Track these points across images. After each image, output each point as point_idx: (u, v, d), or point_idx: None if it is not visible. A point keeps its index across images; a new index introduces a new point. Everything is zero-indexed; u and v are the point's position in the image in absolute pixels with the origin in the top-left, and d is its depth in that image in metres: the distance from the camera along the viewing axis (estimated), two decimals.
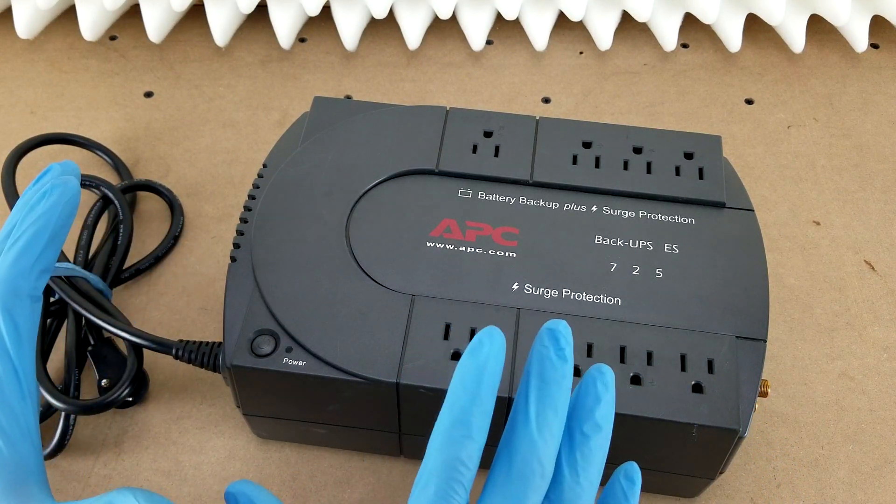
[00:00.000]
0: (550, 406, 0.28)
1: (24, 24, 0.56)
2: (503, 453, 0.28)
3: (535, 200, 0.39)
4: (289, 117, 0.54)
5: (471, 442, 0.27)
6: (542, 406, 0.28)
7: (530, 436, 0.28)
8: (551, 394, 0.28)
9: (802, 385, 0.42)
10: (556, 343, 0.29)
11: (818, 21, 0.58)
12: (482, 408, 0.28)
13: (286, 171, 0.40)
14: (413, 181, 0.40)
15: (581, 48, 0.58)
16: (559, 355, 0.29)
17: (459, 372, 0.28)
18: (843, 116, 0.54)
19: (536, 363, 0.29)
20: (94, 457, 0.40)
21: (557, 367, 0.28)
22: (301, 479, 0.39)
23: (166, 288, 0.45)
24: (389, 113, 0.43)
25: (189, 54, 0.58)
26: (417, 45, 0.57)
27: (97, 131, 0.53)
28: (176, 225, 0.47)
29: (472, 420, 0.27)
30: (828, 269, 0.46)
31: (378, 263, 0.37)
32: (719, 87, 0.56)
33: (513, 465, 0.27)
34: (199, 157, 0.52)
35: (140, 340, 0.39)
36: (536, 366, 0.29)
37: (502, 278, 0.37)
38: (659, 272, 0.37)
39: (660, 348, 0.34)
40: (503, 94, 0.56)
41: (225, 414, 0.41)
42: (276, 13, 0.55)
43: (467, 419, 0.27)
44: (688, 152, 0.41)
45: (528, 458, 0.27)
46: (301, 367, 0.34)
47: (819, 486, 0.39)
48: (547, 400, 0.28)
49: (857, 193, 0.50)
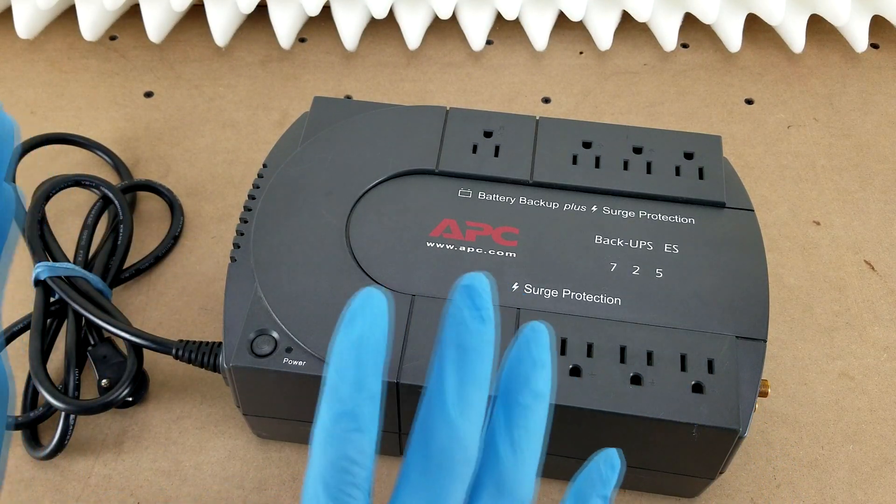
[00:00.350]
0: (471, 379, 0.23)
1: (24, 24, 0.56)
2: (417, 440, 0.24)
3: (535, 200, 0.39)
4: (289, 117, 0.54)
5: (359, 435, 0.23)
6: (460, 380, 0.23)
7: (448, 416, 0.23)
8: (471, 364, 0.24)
9: (802, 385, 0.42)
10: (471, 301, 0.24)
11: (818, 21, 0.58)
12: (368, 392, 0.23)
13: (286, 171, 0.40)
14: (413, 181, 0.40)
15: (581, 48, 0.58)
16: (475, 316, 0.24)
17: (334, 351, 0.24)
18: (843, 116, 0.54)
19: (451, 328, 0.24)
20: (94, 457, 0.40)
21: (475, 332, 0.24)
22: (301, 479, 0.39)
23: (166, 288, 0.45)
24: (389, 113, 0.43)
25: (189, 54, 0.58)
26: (417, 45, 0.57)
27: (97, 131, 0.53)
28: (176, 225, 0.47)
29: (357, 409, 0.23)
30: (828, 269, 0.46)
31: (378, 263, 0.37)
32: (719, 87, 0.56)
33: (430, 453, 0.23)
34: (199, 157, 0.52)
35: (140, 340, 0.39)
36: (451, 331, 0.24)
37: (502, 278, 0.37)
38: (659, 272, 0.37)
39: (660, 348, 0.34)
40: (503, 94, 0.56)
41: (225, 414, 0.41)
42: (276, 13, 0.55)
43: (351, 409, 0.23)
44: (688, 152, 0.41)
45: (447, 444, 0.23)
46: (301, 367, 0.34)
47: (819, 486, 0.39)
48: (466, 372, 0.23)
49: (857, 193, 0.50)
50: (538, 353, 0.25)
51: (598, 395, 0.33)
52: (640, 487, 0.38)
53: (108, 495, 0.38)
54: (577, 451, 0.33)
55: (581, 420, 0.34)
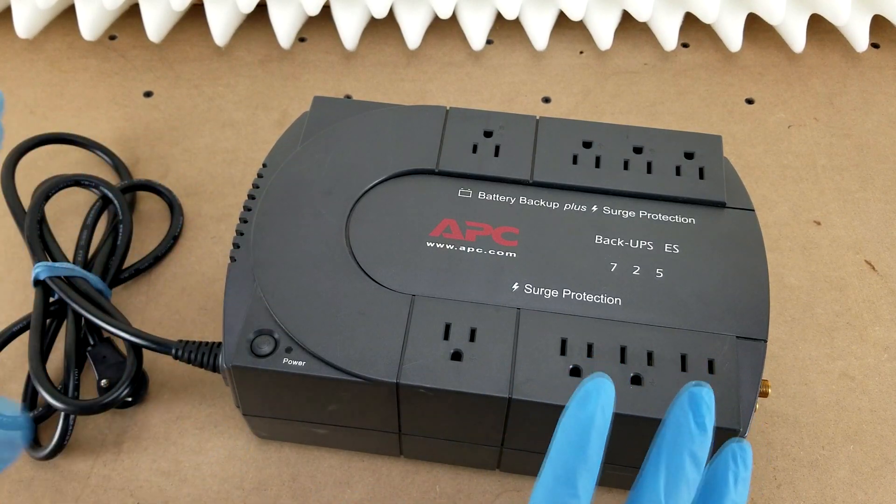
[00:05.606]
0: (682, 480, 0.26)
1: (23, 23, 0.55)
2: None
3: (535, 200, 0.39)
4: (289, 117, 0.54)
5: (576, 502, 0.25)
6: (673, 478, 0.26)
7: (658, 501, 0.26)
8: (685, 467, 0.26)
9: (803, 385, 0.42)
10: (696, 410, 0.27)
11: (818, 21, 0.58)
12: (588, 465, 0.26)
13: (286, 170, 0.40)
14: (413, 181, 0.40)
15: (581, 48, 0.58)
16: (699, 424, 0.27)
17: (565, 424, 0.27)
18: (843, 116, 0.54)
19: (672, 429, 0.27)
20: (94, 457, 0.40)
21: (695, 439, 0.27)
22: (301, 479, 0.39)
23: (166, 288, 0.45)
24: (389, 113, 0.43)
25: (189, 54, 0.58)
26: (417, 44, 0.57)
27: (97, 131, 0.53)
28: (175, 225, 0.47)
29: (577, 479, 0.26)
30: (828, 269, 0.46)
31: (378, 263, 0.37)
32: (719, 86, 0.56)
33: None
34: (199, 156, 0.52)
35: (139, 340, 0.39)
36: (672, 432, 0.27)
37: (502, 278, 0.37)
38: (659, 272, 0.37)
39: (660, 348, 0.34)
40: (503, 93, 0.56)
41: (225, 414, 0.41)
42: (275, 13, 0.55)
43: (573, 478, 0.26)
44: (688, 152, 0.41)
45: None
46: (301, 368, 0.34)
47: (819, 486, 0.39)
48: (680, 473, 0.26)
49: (857, 193, 0.50)
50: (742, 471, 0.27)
51: None
52: None
53: (107, 495, 0.38)
54: None
55: None
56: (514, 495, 0.38)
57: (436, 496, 0.39)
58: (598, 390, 0.27)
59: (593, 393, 0.27)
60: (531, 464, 0.37)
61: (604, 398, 0.26)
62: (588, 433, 0.26)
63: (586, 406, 0.26)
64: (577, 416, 0.26)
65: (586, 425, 0.26)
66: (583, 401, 0.26)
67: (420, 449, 0.39)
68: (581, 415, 0.26)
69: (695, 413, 0.27)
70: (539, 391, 0.33)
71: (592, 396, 0.26)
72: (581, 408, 0.26)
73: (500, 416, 0.34)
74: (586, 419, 0.26)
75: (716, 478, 0.27)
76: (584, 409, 0.26)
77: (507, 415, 0.34)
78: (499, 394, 0.33)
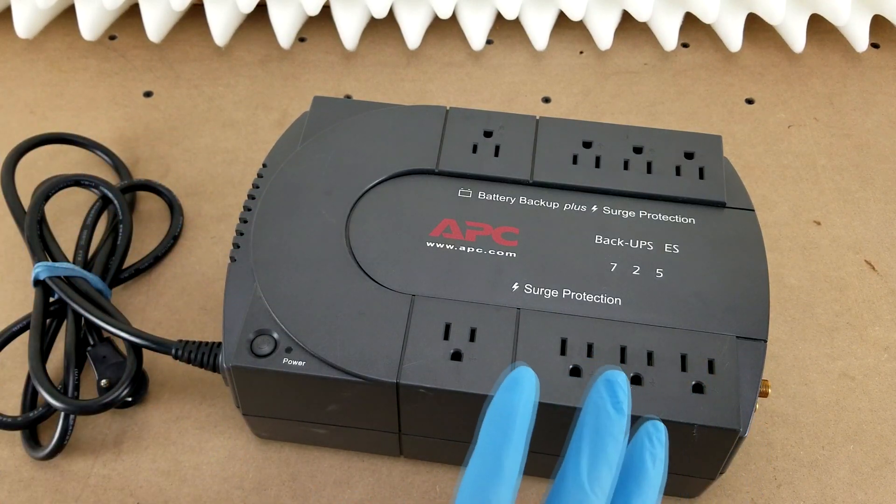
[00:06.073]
0: (604, 461, 0.27)
1: (23, 23, 0.55)
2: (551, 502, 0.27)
3: (535, 200, 0.39)
4: (289, 117, 0.54)
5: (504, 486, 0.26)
6: (595, 460, 0.27)
7: (581, 487, 0.26)
8: (605, 448, 0.27)
9: (803, 385, 0.42)
10: (613, 394, 0.28)
11: (818, 21, 0.58)
12: (515, 450, 0.27)
13: (286, 170, 0.40)
14: (413, 181, 0.40)
15: (581, 48, 0.58)
16: (616, 407, 0.28)
17: (491, 412, 0.27)
18: (843, 116, 0.54)
19: (592, 413, 0.28)
20: (94, 457, 0.40)
21: (614, 420, 0.27)
22: (301, 479, 0.39)
23: (166, 288, 0.45)
24: (389, 113, 0.43)
25: (189, 54, 0.58)
26: (417, 44, 0.57)
27: (96, 131, 0.53)
28: (175, 225, 0.47)
29: (503, 463, 0.26)
30: (828, 269, 0.46)
31: (378, 263, 0.37)
32: (719, 86, 0.56)
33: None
34: (199, 156, 0.52)
35: (139, 340, 0.39)
36: (591, 416, 0.28)
37: (502, 278, 0.37)
38: (659, 272, 0.37)
39: (660, 348, 0.34)
40: (503, 93, 0.56)
41: (225, 414, 0.41)
42: (275, 13, 0.55)
43: (499, 463, 0.26)
44: (688, 152, 0.41)
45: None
46: (301, 368, 0.34)
47: (819, 486, 0.39)
48: (601, 454, 0.27)
49: (857, 193, 0.50)
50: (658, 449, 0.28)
51: None
52: None
53: (107, 495, 0.38)
54: None
55: None
56: None
57: (436, 496, 0.39)
58: (521, 379, 0.28)
59: (518, 381, 0.28)
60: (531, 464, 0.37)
61: (527, 386, 0.28)
62: (513, 419, 0.27)
63: (511, 394, 0.27)
64: (503, 404, 0.27)
65: (511, 412, 0.27)
66: (507, 389, 0.28)
67: (420, 449, 0.39)
68: (506, 402, 0.27)
69: (611, 396, 0.28)
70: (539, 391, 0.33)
71: (517, 385, 0.28)
72: (506, 395, 0.27)
73: None
74: (511, 406, 0.27)
75: (633, 458, 0.28)
76: (509, 396, 0.27)
77: None
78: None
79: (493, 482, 0.26)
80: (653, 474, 0.28)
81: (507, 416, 0.27)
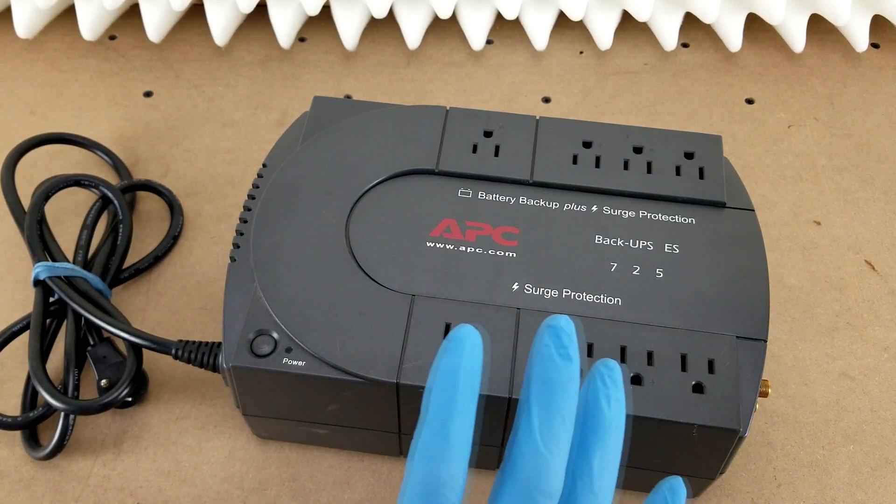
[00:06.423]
0: (556, 414, 0.25)
1: (23, 23, 0.55)
2: (507, 468, 0.25)
3: (535, 200, 0.39)
4: (289, 117, 0.54)
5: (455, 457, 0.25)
6: (546, 414, 0.25)
7: (535, 448, 0.25)
8: (556, 400, 0.25)
9: (803, 385, 0.42)
10: (557, 341, 0.26)
11: (818, 21, 0.58)
12: (464, 417, 0.25)
13: (286, 170, 0.40)
14: (413, 181, 0.40)
15: (581, 48, 0.58)
16: (562, 354, 0.26)
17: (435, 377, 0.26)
18: (843, 116, 0.54)
19: (538, 365, 0.26)
20: (94, 457, 0.40)
21: (561, 369, 0.25)
22: (301, 479, 0.39)
23: (166, 288, 0.45)
24: (389, 113, 0.43)
25: (189, 54, 0.58)
26: (417, 44, 0.57)
27: (96, 131, 0.53)
28: (175, 225, 0.47)
29: (452, 434, 0.25)
30: (828, 269, 0.46)
31: (378, 263, 0.37)
32: (719, 86, 0.56)
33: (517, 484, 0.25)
34: (199, 156, 0.52)
35: (139, 340, 0.39)
36: (538, 368, 0.26)
37: (502, 278, 0.37)
38: (659, 272, 0.37)
39: (660, 348, 0.34)
40: (503, 93, 0.56)
41: (225, 414, 0.41)
42: (275, 13, 0.55)
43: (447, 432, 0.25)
44: (688, 152, 0.41)
45: (534, 474, 0.24)
46: (301, 368, 0.34)
47: (819, 486, 0.39)
48: (552, 407, 0.25)
49: (857, 193, 0.50)
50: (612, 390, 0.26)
51: None
52: (641, 487, 0.38)
53: (107, 495, 0.38)
54: None
55: None
56: None
57: None
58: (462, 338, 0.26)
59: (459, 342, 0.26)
60: None
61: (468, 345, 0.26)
62: (456, 385, 0.25)
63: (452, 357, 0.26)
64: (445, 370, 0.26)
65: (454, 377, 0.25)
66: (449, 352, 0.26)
67: None
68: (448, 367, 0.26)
69: (556, 344, 0.26)
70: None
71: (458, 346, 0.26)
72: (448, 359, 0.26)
73: (499, 415, 0.34)
74: (453, 371, 0.25)
75: (588, 404, 0.26)
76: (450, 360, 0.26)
77: (507, 415, 0.34)
78: (499, 394, 0.33)
79: (444, 457, 0.24)
80: (611, 417, 0.26)
81: (451, 382, 0.25)
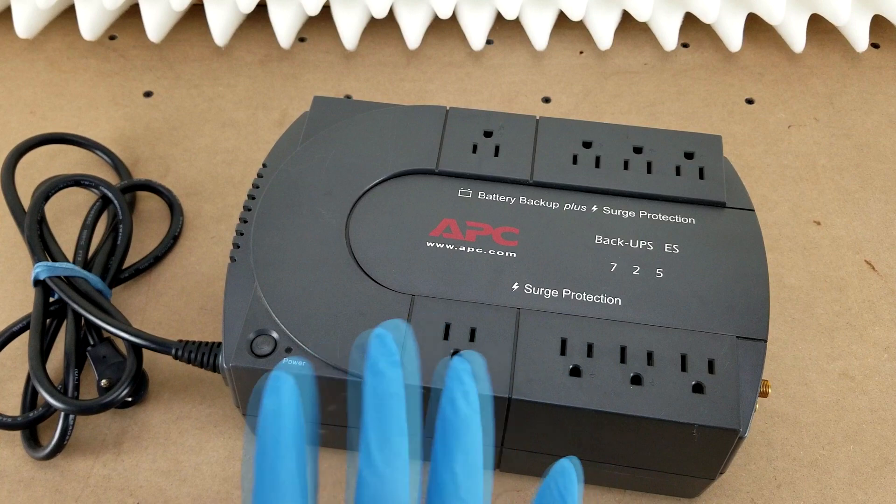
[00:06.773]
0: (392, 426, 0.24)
1: (23, 23, 0.55)
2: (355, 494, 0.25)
3: (535, 200, 0.39)
4: (289, 117, 0.54)
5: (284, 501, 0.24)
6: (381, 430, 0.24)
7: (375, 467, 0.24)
8: (389, 410, 0.24)
9: (803, 385, 0.42)
10: (384, 350, 0.25)
11: (818, 21, 0.58)
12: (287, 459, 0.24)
13: (286, 170, 0.40)
14: (413, 181, 0.40)
15: (581, 48, 0.58)
16: (390, 361, 0.25)
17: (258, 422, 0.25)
18: (843, 116, 0.54)
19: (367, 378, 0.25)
20: (94, 457, 0.40)
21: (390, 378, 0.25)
22: None
23: (166, 288, 0.45)
24: (389, 113, 0.43)
25: (189, 54, 0.58)
26: (417, 44, 0.57)
27: (96, 131, 0.53)
28: (175, 225, 0.47)
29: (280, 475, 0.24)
30: (828, 269, 0.46)
31: (378, 263, 0.37)
32: (719, 86, 0.56)
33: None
34: (199, 156, 0.52)
35: (139, 340, 0.39)
36: (367, 382, 0.25)
37: (502, 278, 0.37)
38: (659, 272, 0.37)
39: (660, 348, 0.34)
40: (503, 93, 0.56)
41: (225, 414, 0.41)
42: (275, 13, 0.55)
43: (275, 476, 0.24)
44: (688, 152, 0.41)
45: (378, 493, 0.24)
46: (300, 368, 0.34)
47: (819, 486, 0.39)
48: (385, 420, 0.24)
49: (857, 193, 0.50)
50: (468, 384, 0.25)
51: (598, 395, 0.33)
52: (641, 487, 0.38)
53: (107, 495, 0.38)
54: (577, 451, 0.33)
55: (581, 420, 0.33)
56: (514, 495, 0.38)
57: None
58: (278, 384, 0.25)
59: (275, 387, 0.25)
60: (531, 464, 0.37)
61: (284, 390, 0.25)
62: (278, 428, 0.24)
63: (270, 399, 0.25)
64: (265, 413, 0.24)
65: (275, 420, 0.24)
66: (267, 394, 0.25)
67: None
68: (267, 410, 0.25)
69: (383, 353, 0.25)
70: (539, 391, 0.33)
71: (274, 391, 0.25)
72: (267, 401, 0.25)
73: (499, 416, 0.34)
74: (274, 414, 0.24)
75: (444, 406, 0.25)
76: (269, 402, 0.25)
77: (507, 415, 0.34)
78: (499, 394, 0.33)
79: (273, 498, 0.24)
80: (468, 415, 0.25)
81: (272, 425, 0.24)
